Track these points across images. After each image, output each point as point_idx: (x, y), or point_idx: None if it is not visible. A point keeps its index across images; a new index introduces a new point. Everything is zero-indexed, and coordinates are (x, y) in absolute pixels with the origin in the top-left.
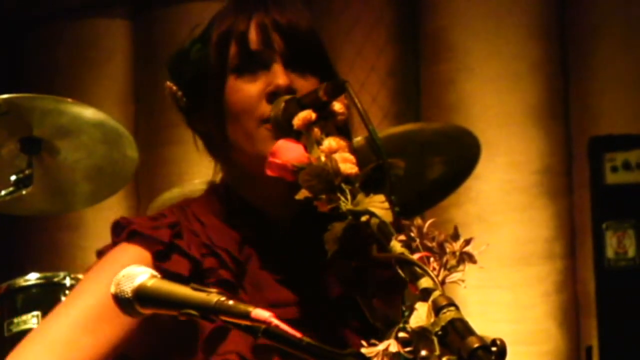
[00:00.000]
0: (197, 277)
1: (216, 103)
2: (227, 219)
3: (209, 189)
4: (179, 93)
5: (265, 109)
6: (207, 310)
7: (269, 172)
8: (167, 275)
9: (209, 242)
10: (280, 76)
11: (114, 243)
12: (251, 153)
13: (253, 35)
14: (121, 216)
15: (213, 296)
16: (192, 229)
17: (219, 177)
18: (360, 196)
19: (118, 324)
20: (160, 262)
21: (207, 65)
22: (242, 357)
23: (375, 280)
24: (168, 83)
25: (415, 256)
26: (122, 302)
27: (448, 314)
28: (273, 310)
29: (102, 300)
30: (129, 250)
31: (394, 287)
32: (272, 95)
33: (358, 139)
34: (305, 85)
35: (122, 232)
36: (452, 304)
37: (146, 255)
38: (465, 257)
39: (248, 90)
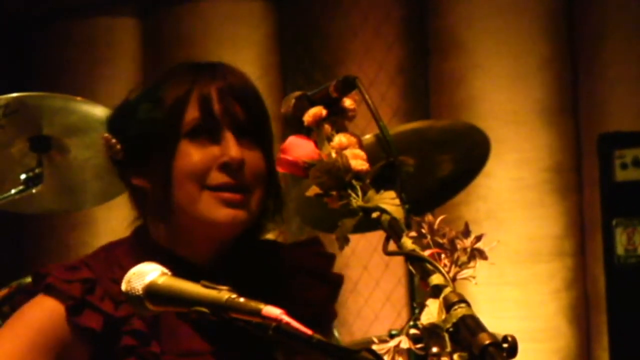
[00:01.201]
0: (111, 329)
1: (165, 164)
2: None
3: (133, 232)
4: (118, 146)
5: (215, 177)
6: (218, 308)
7: (279, 169)
8: (79, 330)
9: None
10: (233, 148)
11: (33, 292)
12: (193, 216)
13: (216, 104)
14: (42, 267)
15: (224, 293)
16: (112, 277)
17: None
18: (370, 192)
19: None
20: (72, 316)
21: (156, 125)
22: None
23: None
24: (106, 135)
25: (426, 253)
26: (133, 299)
27: (459, 311)
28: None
29: (14, 353)
30: (45, 303)
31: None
32: (224, 166)
33: (368, 137)
34: (251, 155)
35: (39, 283)
36: (463, 300)
37: (60, 308)
38: (476, 254)
39: (199, 156)
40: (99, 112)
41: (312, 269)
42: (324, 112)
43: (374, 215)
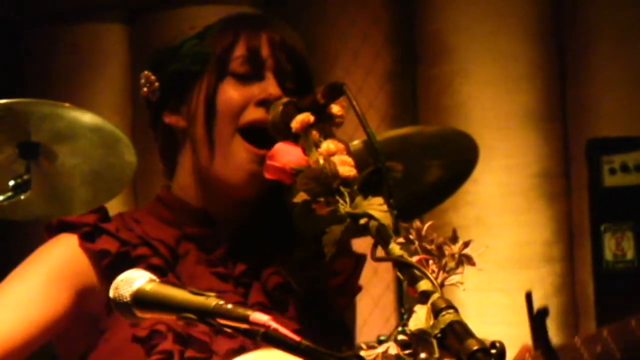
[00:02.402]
0: (126, 261)
1: (209, 100)
2: (167, 219)
3: (151, 200)
4: (156, 84)
5: (250, 113)
6: (206, 314)
7: (267, 175)
8: (93, 254)
9: (143, 235)
10: (273, 86)
11: (48, 239)
12: (219, 156)
13: (264, 48)
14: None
15: (211, 300)
16: (126, 225)
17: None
18: (358, 199)
19: (47, 311)
20: (86, 242)
21: (200, 60)
22: (169, 327)
23: (324, 283)
24: (146, 72)
25: (414, 259)
26: (121, 306)
27: (447, 317)
28: None
29: (31, 287)
30: (59, 238)
31: (336, 293)
32: (261, 102)
33: (356, 143)
34: None
35: (53, 227)
36: (451, 306)
37: (74, 239)
38: (464, 260)
39: (239, 92)
40: (87, 118)
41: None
42: (311, 118)
43: (362, 221)
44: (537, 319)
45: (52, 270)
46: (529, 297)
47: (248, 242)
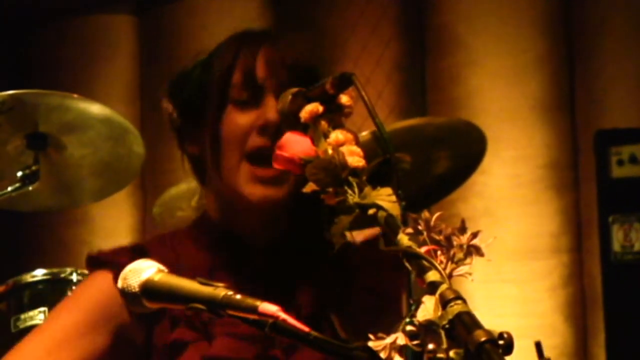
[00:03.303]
0: None
1: (213, 130)
2: (204, 246)
3: (195, 219)
4: (174, 114)
5: (253, 141)
6: (214, 305)
7: (275, 165)
8: (123, 295)
9: (177, 265)
10: (271, 110)
11: (88, 274)
12: (233, 187)
13: (260, 70)
14: (92, 252)
15: (220, 290)
16: (164, 254)
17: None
18: (367, 189)
19: (85, 352)
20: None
21: (206, 90)
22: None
23: (360, 304)
24: (164, 100)
25: (423, 249)
26: (129, 296)
27: (455, 308)
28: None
29: (69, 328)
30: (96, 277)
31: (376, 314)
32: (262, 129)
33: (365, 133)
34: None
35: (91, 262)
36: (459, 297)
37: (109, 277)
38: (473, 250)
39: (240, 120)
40: (96, 109)
41: (376, 259)
42: (320, 108)
43: (371, 212)
44: None
45: (88, 313)
46: (538, 346)
47: (282, 264)
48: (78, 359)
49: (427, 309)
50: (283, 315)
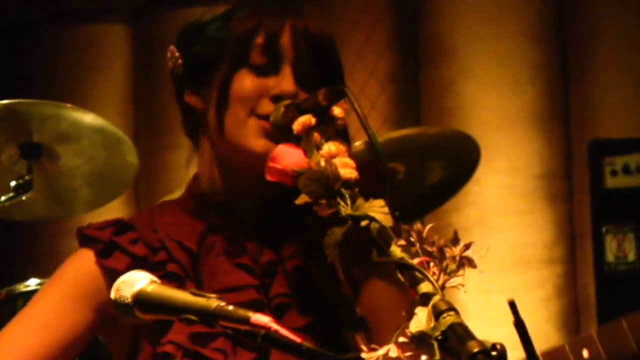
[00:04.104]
0: (144, 269)
1: (222, 86)
2: (195, 211)
3: (185, 189)
4: (180, 61)
5: (265, 106)
6: (207, 316)
7: (268, 177)
8: (109, 271)
9: (164, 238)
10: (288, 81)
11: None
12: (235, 140)
13: (285, 37)
14: (80, 226)
15: (212, 301)
16: (152, 226)
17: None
18: (359, 201)
19: (67, 331)
20: (101, 259)
21: (222, 45)
22: (179, 346)
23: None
24: (172, 47)
25: (415, 261)
26: (122, 307)
27: (448, 319)
28: (225, 294)
29: (50, 307)
30: (79, 254)
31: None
32: (275, 98)
33: (358, 144)
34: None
35: (78, 238)
36: (452, 308)
37: (91, 255)
38: (465, 262)
39: (254, 84)
40: (90, 119)
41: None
42: (313, 120)
43: (363, 223)
44: (518, 330)
45: (70, 290)
46: (512, 305)
47: (275, 226)
48: (61, 338)
49: (420, 320)
50: (275, 326)
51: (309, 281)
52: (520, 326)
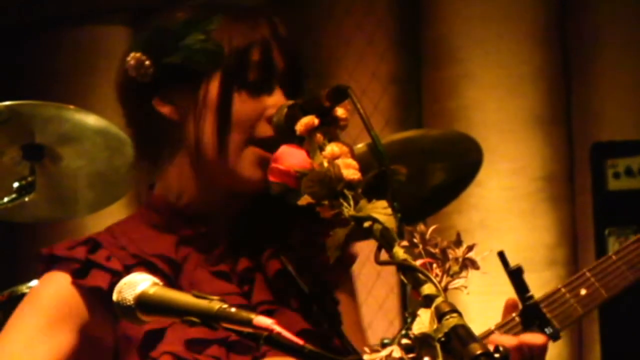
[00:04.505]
0: None
1: (222, 108)
2: (162, 225)
3: (140, 206)
4: (151, 69)
5: (263, 129)
6: (209, 318)
7: (271, 178)
8: (87, 291)
9: (138, 253)
10: (282, 101)
11: (40, 274)
12: (228, 167)
13: (275, 52)
14: (44, 248)
15: (215, 303)
16: (119, 244)
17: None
18: (362, 202)
19: (53, 356)
20: (78, 279)
21: (208, 59)
22: (176, 357)
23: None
24: (136, 54)
25: (418, 262)
26: (124, 309)
27: (451, 320)
28: None
29: (33, 335)
30: (52, 277)
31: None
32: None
33: (360, 146)
34: None
35: (43, 261)
36: (454, 310)
37: (67, 277)
38: (468, 263)
39: (251, 104)
40: (92, 120)
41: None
42: (316, 121)
43: (366, 224)
44: (515, 277)
45: (49, 315)
46: (502, 255)
47: (247, 233)
48: None
49: (423, 322)
50: (277, 328)
51: (289, 286)
52: (513, 274)
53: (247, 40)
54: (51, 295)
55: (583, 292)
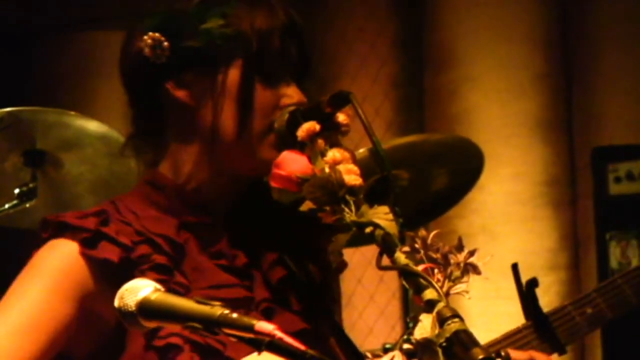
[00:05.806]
0: (128, 265)
1: (242, 98)
2: (165, 206)
3: (142, 182)
4: (167, 52)
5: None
6: (211, 323)
7: (272, 184)
8: (95, 262)
9: (143, 230)
10: (298, 92)
11: (43, 240)
12: (251, 153)
13: (293, 44)
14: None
15: (217, 309)
16: (124, 220)
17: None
18: (364, 207)
19: (55, 326)
20: (87, 249)
21: (230, 46)
22: (184, 338)
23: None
24: (154, 34)
25: (420, 267)
26: (126, 315)
27: (452, 325)
28: (215, 292)
29: (35, 303)
30: (57, 245)
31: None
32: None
33: (362, 151)
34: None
35: (49, 227)
36: (456, 315)
37: (75, 247)
38: (470, 268)
39: (271, 97)
40: (94, 126)
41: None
42: (317, 127)
43: (368, 230)
44: (527, 290)
45: (53, 283)
46: (515, 268)
47: (245, 227)
48: (52, 335)
49: (425, 327)
50: (279, 334)
51: (289, 284)
52: (527, 286)
53: (269, 26)
54: (56, 263)
55: (589, 310)
